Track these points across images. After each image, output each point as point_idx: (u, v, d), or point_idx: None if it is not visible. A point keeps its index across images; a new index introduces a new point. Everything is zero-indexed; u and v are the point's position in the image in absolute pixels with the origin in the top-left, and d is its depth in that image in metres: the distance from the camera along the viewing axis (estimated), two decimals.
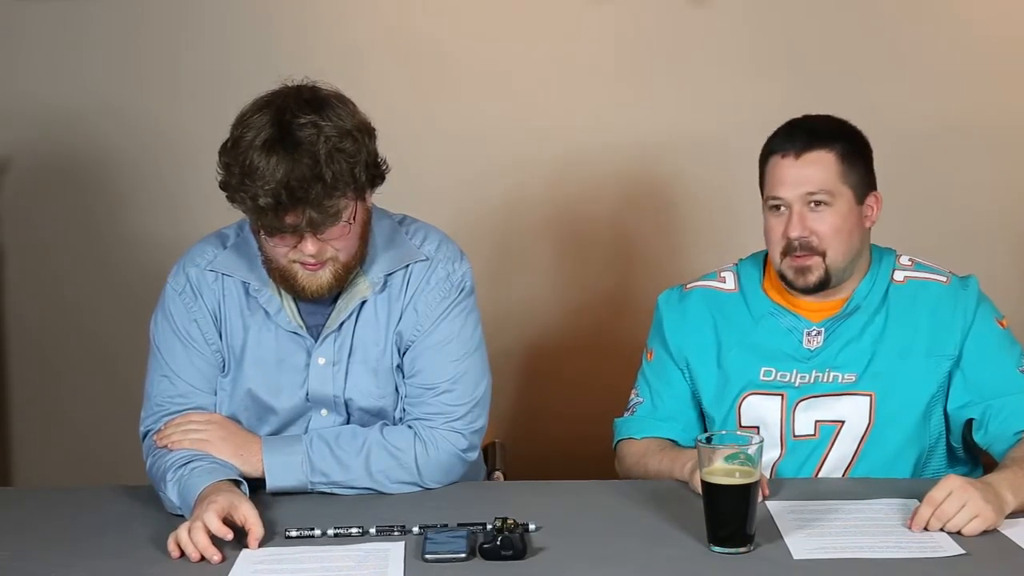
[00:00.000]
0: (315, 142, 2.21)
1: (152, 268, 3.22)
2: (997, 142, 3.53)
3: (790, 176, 2.44)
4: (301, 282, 2.31)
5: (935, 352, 2.45)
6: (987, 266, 2.65)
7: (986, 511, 2.10)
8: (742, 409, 2.49)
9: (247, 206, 2.24)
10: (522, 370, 3.62)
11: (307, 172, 2.20)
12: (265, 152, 2.20)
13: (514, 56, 3.54)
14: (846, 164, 2.45)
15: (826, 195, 2.43)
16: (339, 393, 2.40)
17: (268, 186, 2.19)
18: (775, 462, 2.47)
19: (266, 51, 3.46)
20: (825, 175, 2.44)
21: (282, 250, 2.29)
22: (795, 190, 2.44)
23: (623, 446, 2.57)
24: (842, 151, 2.45)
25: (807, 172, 2.43)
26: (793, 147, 2.45)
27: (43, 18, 3.53)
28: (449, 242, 2.47)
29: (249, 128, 2.24)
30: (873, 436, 2.44)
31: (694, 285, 2.61)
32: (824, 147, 2.44)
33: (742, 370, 2.50)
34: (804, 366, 2.47)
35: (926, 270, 2.53)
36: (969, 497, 2.10)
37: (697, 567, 2.02)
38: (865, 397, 2.44)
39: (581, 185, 3.58)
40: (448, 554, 2.05)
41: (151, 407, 2.41)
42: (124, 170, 3.60)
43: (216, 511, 2.10)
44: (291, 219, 2.23)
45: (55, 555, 2.12)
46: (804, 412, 2.45)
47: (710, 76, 3.52)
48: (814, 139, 2.45)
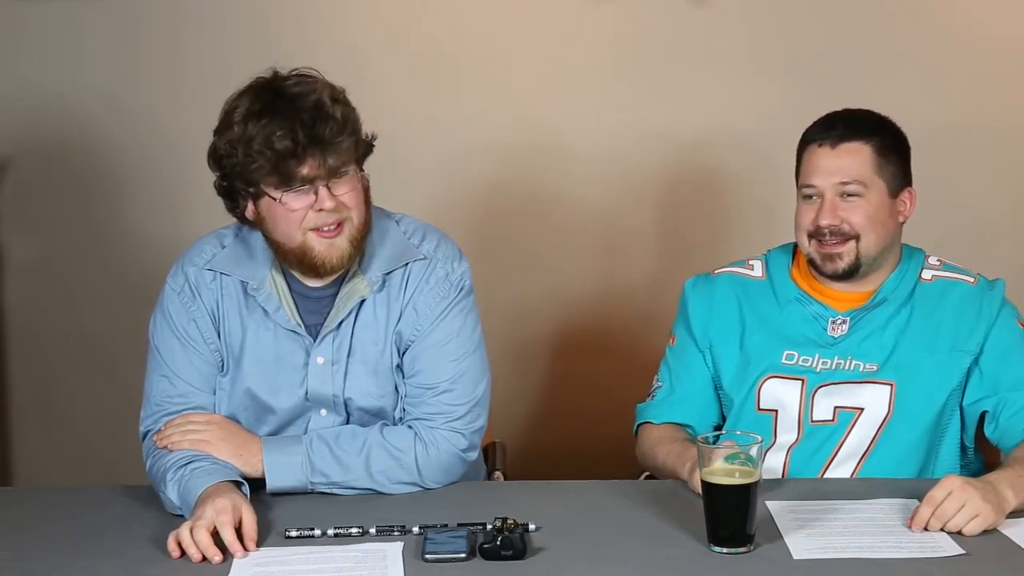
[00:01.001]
0: (312, 92, 2.27)
1: (152, 267, 3.21)
2: (997, 142, 3.53)
3: (825, 165, 2.46)
4: (320, 255, 2.31)
5: (957, 348, 2.46)
6: (987, 266, 2.64)
7: (986, 510, 2.10)
8: (761, 392, 2.49)
9: (263, 163, 2.24)
10: (522, 370, 3.62)
11: (316, 114, 2.25)
12: (264, 115, 2.25)
13: (514, 56, 3.54)
14: (882, 157, 2.46)
15: (859, 186, 2.45)
16: (338, 393, 2.40)
17: (281, 131, 2.22)
18: (791, 446, 2.47)
19: (266, 51, 3.41)
20: (860, 166, 2.45)
21: (298, 215, 2.28)
22: (829, 179, 2.45)
23: (642, 431, 2.58)
24: (879, 144, 2.46)
25: (842, 161, 2.45)
26: (830, 137, 2.46)
27: (43, 17, 3.53)
28: (448, 241, 2.47)
29: (236, 109, 2.28)
30: (891, 426, 2.44)
31: (721, 271, 2.62)
32: (861, 139, 2.46)
33: (764, 353, 2.50)
34: (827, 352, 2.48)
35: (954, 271, 2.54)
36: (969, 497, 2.10)
37: (697, 567, 2.02)
38: (886, 386, 2.45)
39: (581, 185, 3.58)
40: (448, 554, 2.04)
41: (150, 407, 2.41)
42: (124, 170, 3.60)
43: (229, 521, 2.10)
44: (307, 169, 2.25)
45: (55, 555, 2.12)
46: (824, 398, 2.46)
47: (710, 76, 3.52)
48: (851, 130, 2.46)
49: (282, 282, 2.40)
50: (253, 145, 2.24)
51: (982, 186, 3.54)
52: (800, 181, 2.51)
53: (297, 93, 2.26)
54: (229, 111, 2.29)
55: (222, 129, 2.29)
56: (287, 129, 2.23)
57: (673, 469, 2.41)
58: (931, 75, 3.50)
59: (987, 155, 3.53)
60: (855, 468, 2.45)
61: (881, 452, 2.44)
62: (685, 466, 2.34)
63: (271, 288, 2.39)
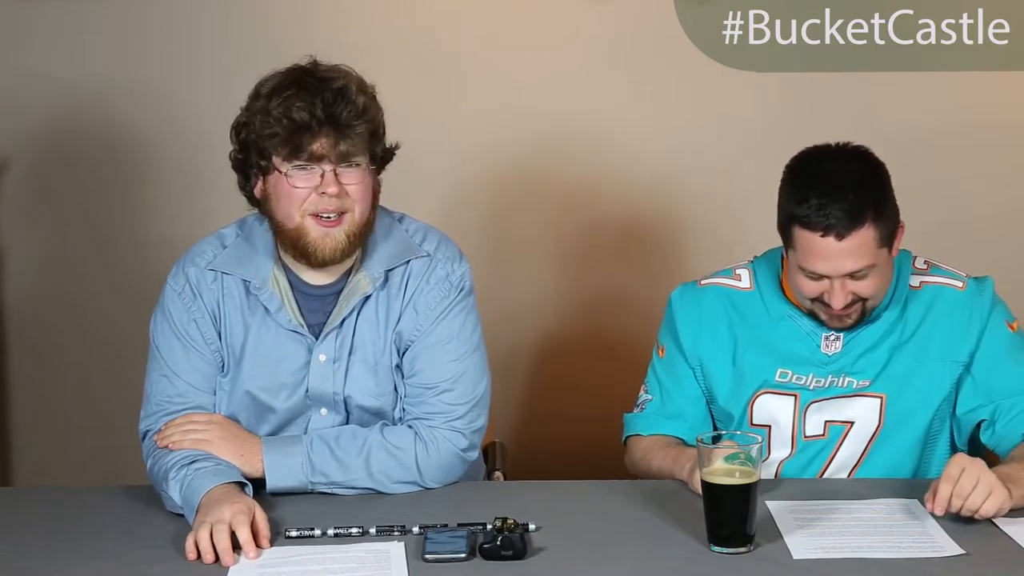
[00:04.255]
0: (340, 77, 2.33)
1: (152, 267, 3.22)
2: (997, 142, 3.53)
3: (831, 256, 2.31)
4: (314, 241, 2.32)
5: (948, 357, 2.43)
6: (987, 265, 2.64)
7: (997, 487, 2.11)
8: (754, 407, 2.47)
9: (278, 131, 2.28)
10: (522, 370, 3.62)
11: (338, 95, 2.30)
12: (289, 89, 2.30)
13: (514, 56, 3.54)
14: (880, 224, 2.32)
15: (869, 268, 2.33)
16: (339, 390, 2.40)
17: (301, 103, 2.27)
18: (782, 461, 2.46)
19: (267, 50, 3.43)
20: (867, 253, 2.32)
21: (301, 193, 2.30)
22: (838, 269, 2.32)
23: (631, 442, 2.56)
24: (874, 214, 2.31)
25: (851, 256, 2.31)
26: (831, 226, 2.29)
27: (44, 15, 3.52)
28: (448, 242, 2.47)
29: (265, 83, 2.34)
30: (881, 437, 2.43)
31: (709, 282, 2.55)
32: (863, 223, 2.30)
33: (758, 370, 2.47)
34: (821, 371, 2.44)
35: (941, 274, 2.49)
36: (981, 471, 2.11)
37: (697, 567, 2.02)
38: (876, 399, 2.43)
39: (581, 185, 3.58)
40: (448, 554, 2.05)
41: (150, 407, 2.41)
42: (125, 169, 3.60)
43: (246, 521, 2.10)
44: (318, 146, 2.28)
45: (55, 555, 2.12)
46: (815, 413, 2.45)
47: (710, 75, 3.52)
48: (852, 218, 2.29)
49: (284, 280, 2.40)
50: (272, 113, 2.28)
51: (982, 186, 3.53)
52: (799, 260, 2.35)
53: (326, 76, 2.32)
54: (258, 86, 2.35)
55: (249, 103, 2.35)
56: (307, 102, 2.27)
57: (671, 471, 2.40)
58: (931, 75, 3.50)
59: (987, 155, 3.53)
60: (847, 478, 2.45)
61: (871, 463, 2.44)
62: (684, 467, 2.34)
63: (273, 287, 2.39)
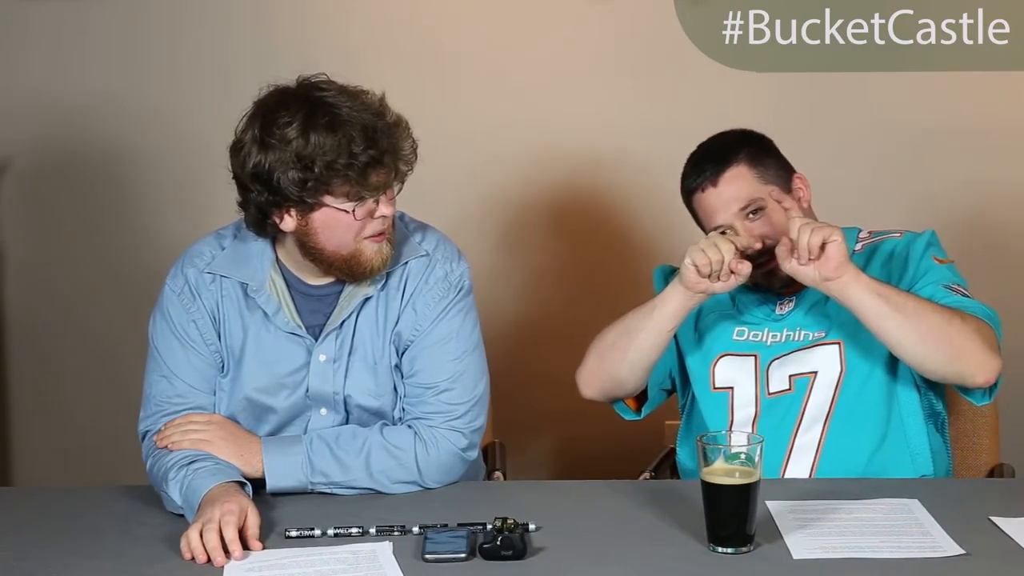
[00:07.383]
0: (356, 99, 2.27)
1: (151, 266, 3.22)
2: (997, 142, 3.53)
3: (717, 203, 2.53)
4: (370, 260, 2.32)
5: None
6: (987, 265, 2.64)
7: (838, 232, 2.32)
8: (716, 370, 2.57)
9: (348, 175, 2.22)
10: (522, 370, 3.62)
11: (376, 121, 2.26)
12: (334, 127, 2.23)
13: (514, 56, 3.54)
14: (758, 166, 2.54)
15: (757, 201, 2.52)
16: (338, 390, 2.40)
17: (357, 146, 2.22)
18: (752, 420, 2.51)
19: (267, 51, 3.46)
20: (746, 185, 2.53)
21: (359, 224, 2.28)
22: (728, 211, 2.52)
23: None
24: (748, 157, 2.54)
25: (730, 191, 2.53)
26: (706, 177, 2.54)
27: (44, 17, 3.53)
28: (447, 241, 2.47)
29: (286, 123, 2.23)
30: (847, 383, 2.49)
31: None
32: (732, 163, 2.53)
33: (718, 332, 2.58)
34: (776, 326, 2.56)
35: (882, 234, 2.61)
36: (819, 223, 2.34)
37: (697, 567, 2.02)
38: (834, 345, 2.51)
39: (581, 184, 3.58)
40: (448, 554, 2.05)
41: (150, 407, 2.41)
42: (124, 169, 3.60)
43: (233, 521, 2.10)
44: (377, 177, 2.26)
45: (55, 555, 2.12)
46: (777, 370, 2.53)
47: (710, 75, 3.52)
48: (720, 161, 2.54)
49: (281, 283, 2.40)
50: (336, 158, 2.21)
51: (982, 186, 3.54)
52: (707, 228, 2.56)
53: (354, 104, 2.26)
54: (274, 125, 2.24)
55: (270, 145, 2.23)
56: (365, 139, 2.23)
57: (640, 317, 2.52)
58: (931, 75, 3.50)
59: (987, 155, 3.53)
60: (823, 429, 2.49)
61: (844, 409, 2.49)
62: (655, 299, 2.49)
63: (271, 289, 2.39)
